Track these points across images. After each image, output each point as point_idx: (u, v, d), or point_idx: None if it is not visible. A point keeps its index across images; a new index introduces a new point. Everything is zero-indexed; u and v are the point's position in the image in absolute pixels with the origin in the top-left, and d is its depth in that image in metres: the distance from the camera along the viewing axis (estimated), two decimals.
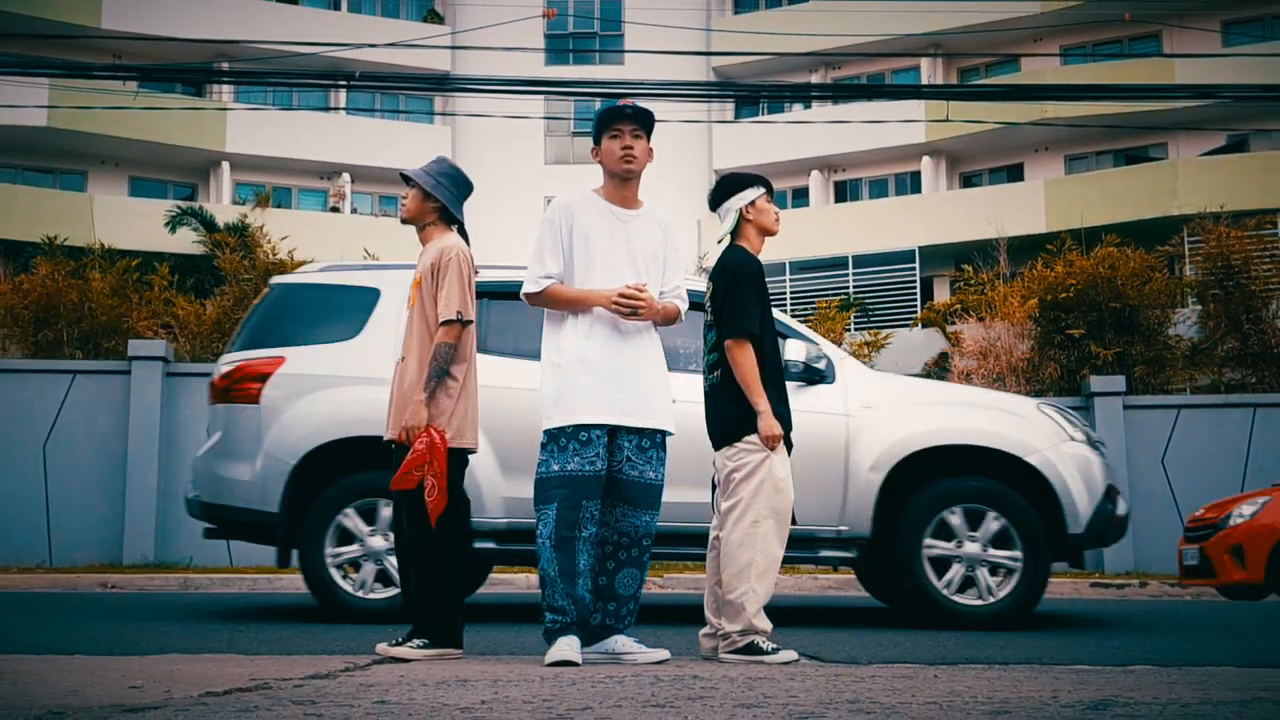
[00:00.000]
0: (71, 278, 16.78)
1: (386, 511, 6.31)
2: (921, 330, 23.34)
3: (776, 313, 5.54)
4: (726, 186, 4.82)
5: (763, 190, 4.79)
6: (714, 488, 4.68)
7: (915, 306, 25.35)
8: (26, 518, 12.21)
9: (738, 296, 4.56)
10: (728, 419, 4.56)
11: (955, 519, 6.44)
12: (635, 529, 4.48)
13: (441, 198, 4.78)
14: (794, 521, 4.58)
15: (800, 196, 29.07)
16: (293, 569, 6.96)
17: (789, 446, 4.58)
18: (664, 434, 4.53)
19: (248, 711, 2.76)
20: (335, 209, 28.46)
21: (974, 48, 27.69)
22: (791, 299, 25.83)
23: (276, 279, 7.52)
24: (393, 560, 6.21)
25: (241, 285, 17.04)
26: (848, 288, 25.97)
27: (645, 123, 4.56)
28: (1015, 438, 6.59)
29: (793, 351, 6.29)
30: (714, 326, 4.68)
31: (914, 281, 25.92)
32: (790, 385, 5.10)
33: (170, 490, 12.23)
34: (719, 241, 4.83)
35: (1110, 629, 6.75)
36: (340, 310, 6.94)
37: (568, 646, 4.23)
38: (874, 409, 6.62)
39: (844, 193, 29.20)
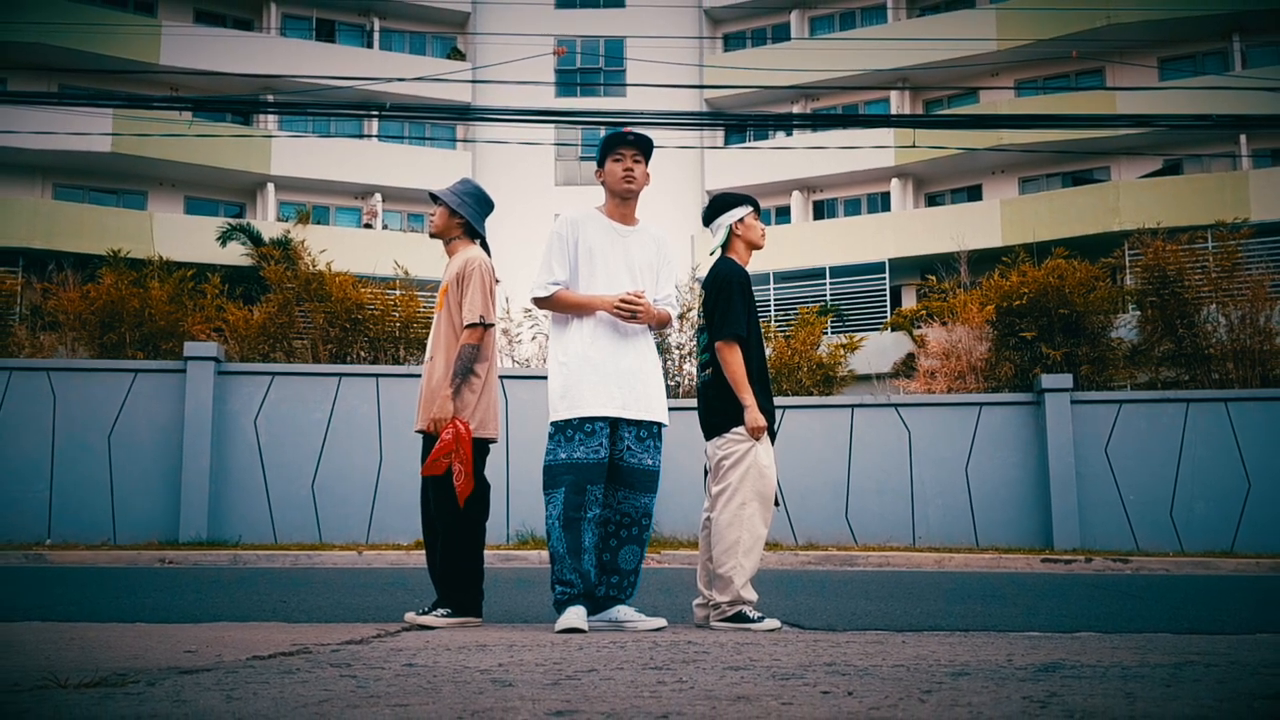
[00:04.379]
0: (133, 287, 16.77)
1: None
2: (891, 334, 23.34)
3: None
4: (718, 205, 4.81)
5: (750, 208, 4.78)
6: (706, 474, 4.67)
7: (885, 313, 25.33)
8: (93, 500, 12.21)
9: (728, 303, 4.55)
10: (718, 412, 4.55)
11: None
12: (635, 509, 4.47)
13: (466, 215, 4.78)
14: (777, 504, 4.57)
15: (783, 214, 29.05)
16: (325, 544, 6.94)
17: (772, 437, 4.58)
18: (660, 425, 4.52)
19: (290, 673, 2.75)
20: (368, 225, 28.44)
21: (937, 81, 27.69)
22: (775, 306, 25.81)
23: None
24: None
25: (284, 293, 17.03)
26: (825, 296, 25.95)
27: (645, 148, 4.55)
28: None
29: None
30: (706, 330, 4.67)
31: (884, 290, 25.89)
32: None
33: (221, 475, 12.22)
34: (710, 254, 4.82)
35: (1059, 600, 6.74)
36: None
37: (575, 615, 4.22)
38: None
39: (822, 211, 29.19)
